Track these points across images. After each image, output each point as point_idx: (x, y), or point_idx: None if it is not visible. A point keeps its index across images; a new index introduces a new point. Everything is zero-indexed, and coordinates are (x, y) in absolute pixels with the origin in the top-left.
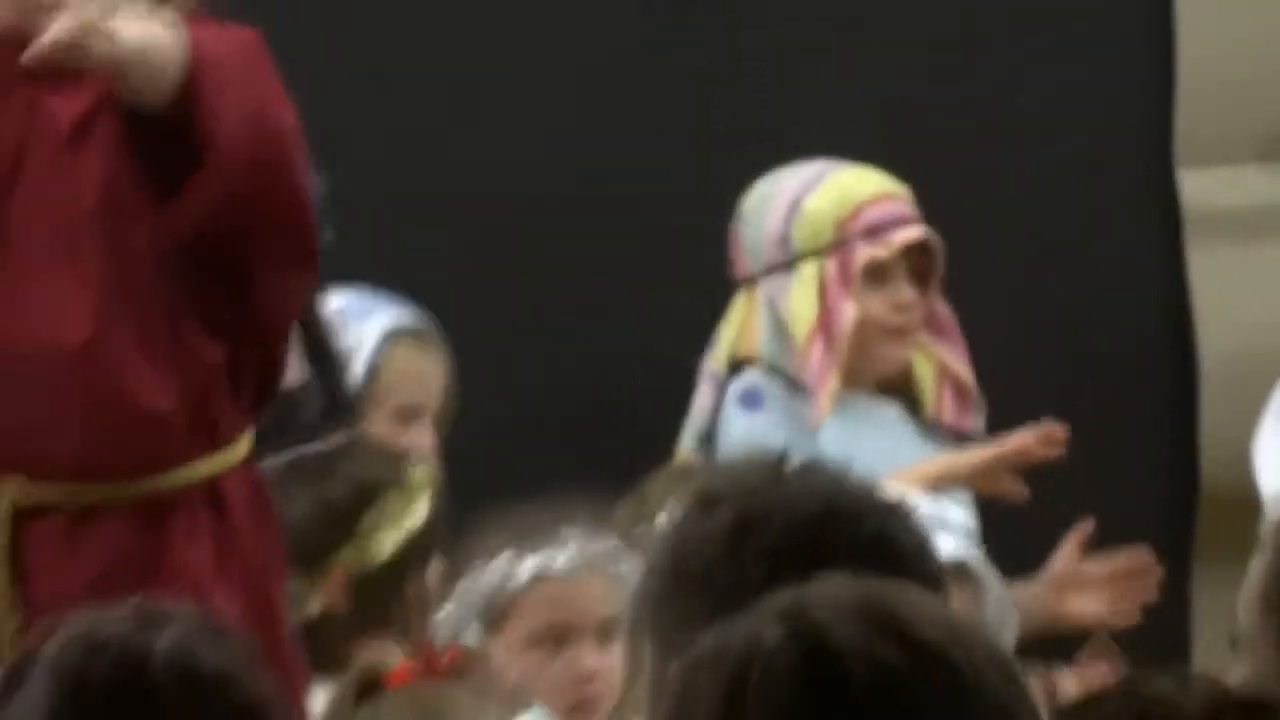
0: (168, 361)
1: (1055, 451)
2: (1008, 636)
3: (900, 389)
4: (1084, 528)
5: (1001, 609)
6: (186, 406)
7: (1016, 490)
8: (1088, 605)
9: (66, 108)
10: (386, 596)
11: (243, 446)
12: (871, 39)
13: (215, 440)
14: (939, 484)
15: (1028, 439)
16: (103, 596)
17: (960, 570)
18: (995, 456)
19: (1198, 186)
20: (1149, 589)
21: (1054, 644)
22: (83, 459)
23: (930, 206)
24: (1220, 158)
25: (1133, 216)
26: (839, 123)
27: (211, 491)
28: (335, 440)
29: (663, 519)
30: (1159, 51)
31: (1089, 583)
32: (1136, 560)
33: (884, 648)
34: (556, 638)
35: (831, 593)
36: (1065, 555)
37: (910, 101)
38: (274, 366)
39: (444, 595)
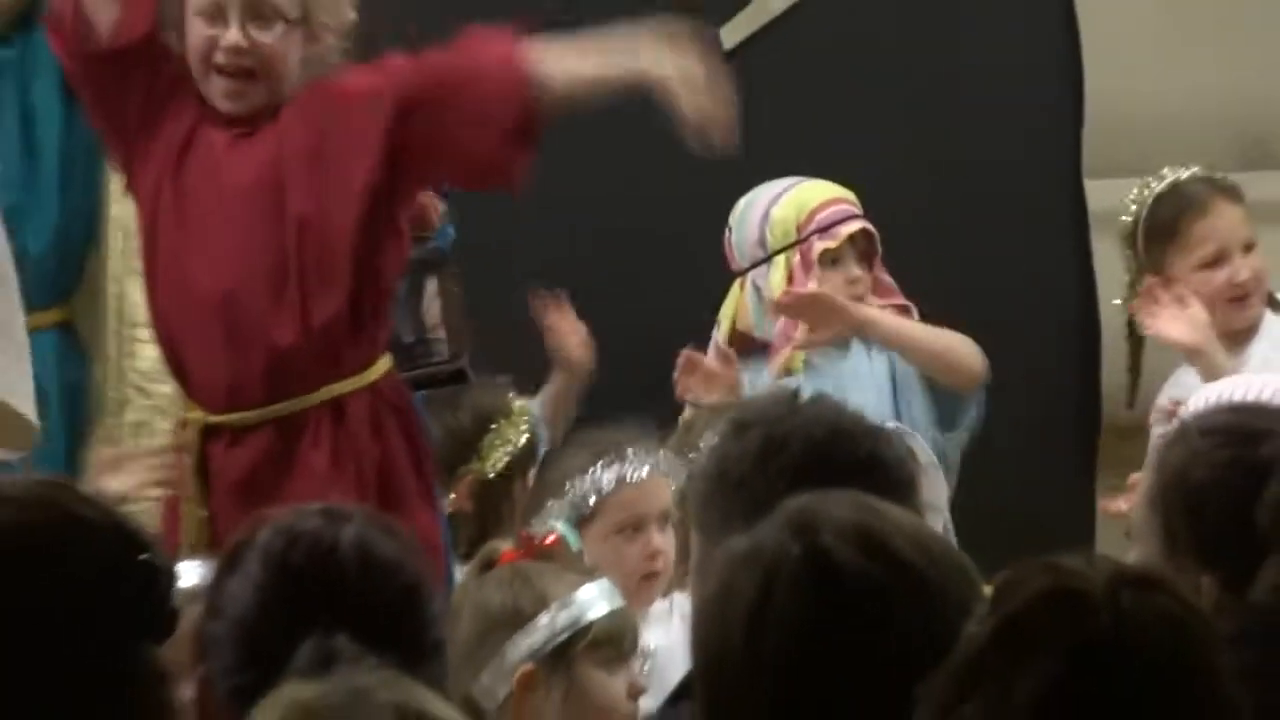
0: (296, 310)
1: None
2: (939, 496)
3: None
4: None
5: (939, 483)
6: (311, 346)
7: None
8: None
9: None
10: (499, 500)
11: (366, 374)
12: (830, 84)
13: (339, 371)
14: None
15: None
16: (255, 489)
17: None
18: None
19: (1102, 192)
20: None
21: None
22: (236, 391)
23: (885, 208)
24: (1122, 171)
25: (1052, 216)
26: (805, 146)
27: (335, 409)
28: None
29: (707, 438)
30: (1071, 84)
31: None
32: None
33: (871, 565)
34: (634, 526)
35: (837, 514)
36: None
37: (870, 129)
38: (386, 314)
39: (538, 497)
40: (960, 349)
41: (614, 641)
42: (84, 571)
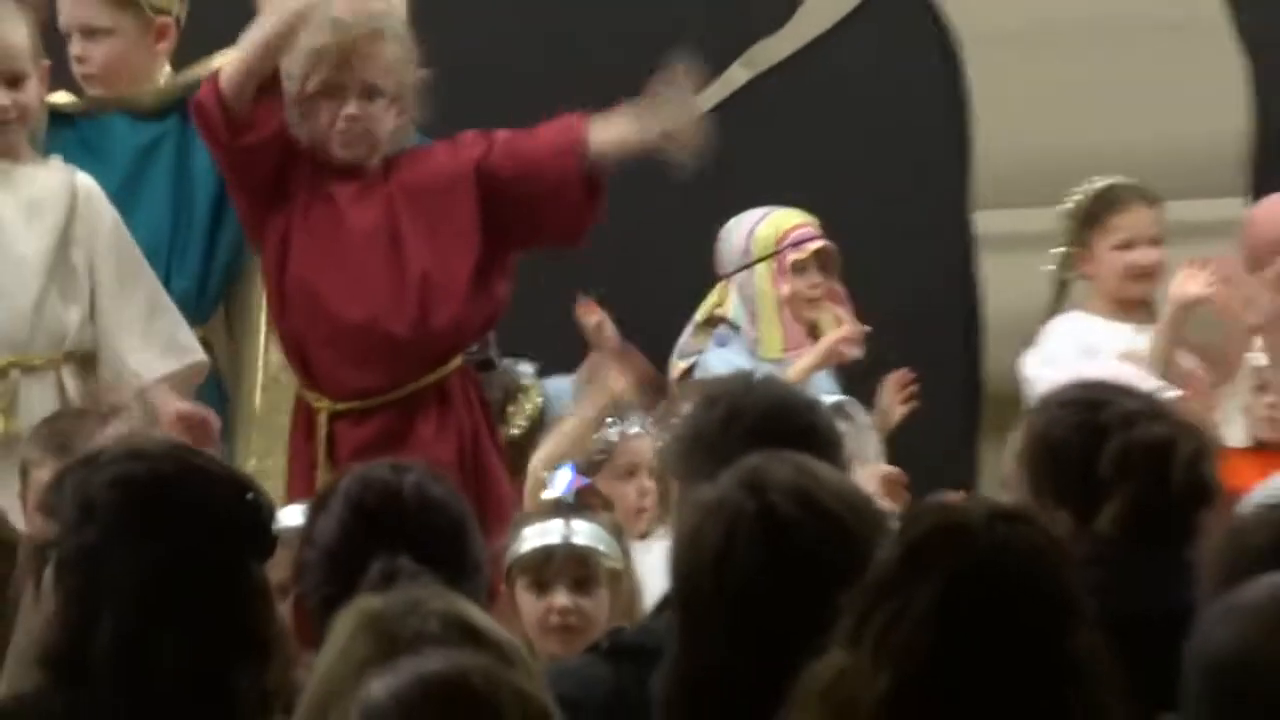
0: (418, 332)
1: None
2: (871, 451)
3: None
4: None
5: (866, 434)
6: (427, 356)
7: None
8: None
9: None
10: (522, 455)
11: (457, 360)
12: (786, 141)
13: (444, 363)
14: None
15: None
16: (374, 457)
17: (842, 410)
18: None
19: (989, 220)
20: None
21: None
22: (362, 390)
23: (829, 231)
24: (1005, 203)
25: (946, 236)
26: (777, 185)
27: (439, 390)
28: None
29: (684, 409)
30: (960, 132)
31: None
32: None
33: (806, 517)
34: (629, 472)
35: (780, 475)
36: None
37: (815, 168)
38: (490, 325)
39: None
40: None
41: (537, 570)
42: (206, 507)
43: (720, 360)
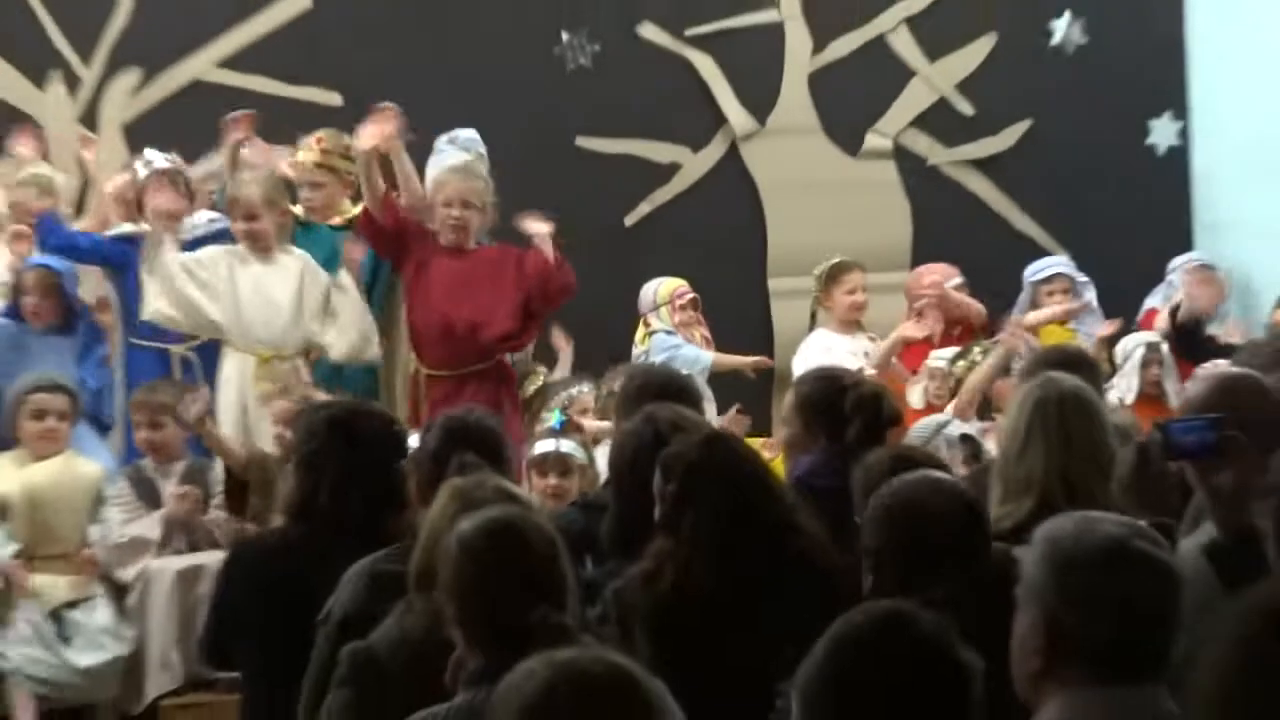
0: (493, 334)
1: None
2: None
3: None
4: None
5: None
6: (495, 348)
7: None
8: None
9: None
10: (529, 408)
11: (499, 357)
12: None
13: (488, 359)
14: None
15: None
16: (447, 403)
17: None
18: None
19: (778, 282)
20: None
21: None
22: (452, 364)
23: (696, 288)
24: (786, 272)
25: (755, 291)
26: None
27: (497, 366)
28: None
29: (618, 382)
30: (763, 232)
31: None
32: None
33: (678, 437)
34: (583, 411)
35: (664, 412)
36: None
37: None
38: (521, 346)
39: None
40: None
41: (540, 464)
42: (374, 431)
43: (662, 343)
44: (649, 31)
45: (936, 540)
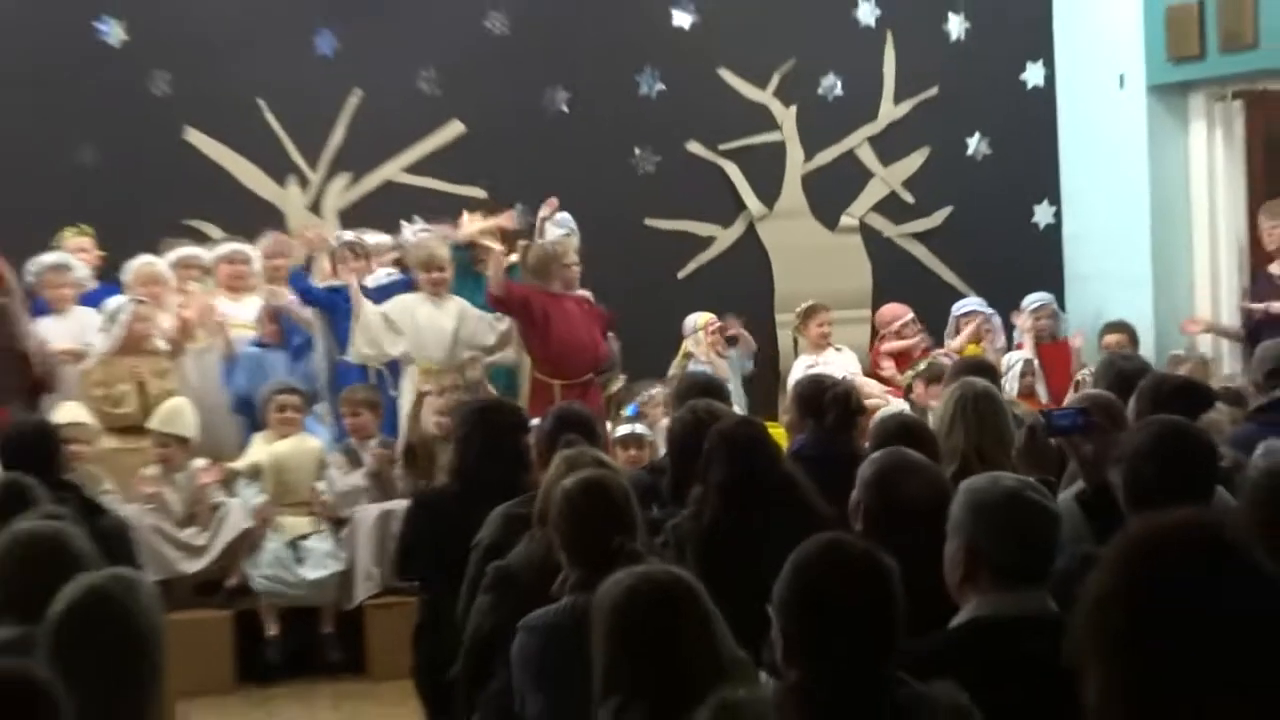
0: (601, 350)
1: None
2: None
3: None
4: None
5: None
6: (592, 364)
7: None
8: None
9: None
10: (615, 406)
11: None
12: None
13: (596, 370)
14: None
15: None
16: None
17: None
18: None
19: (781, 318)
20: None
21: None
22: (573, 374)
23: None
24: (788, 309)
25: (768, 325)
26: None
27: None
28: None
29: (676, 386)
30: (771, 284)
31: None
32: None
33: (710, 422)
34: (655, 406)
35: (701, 404)
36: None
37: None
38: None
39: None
40: None
41: (623, 442)
42: (505, 418)
43: (697, 366)
44: (694, 147)
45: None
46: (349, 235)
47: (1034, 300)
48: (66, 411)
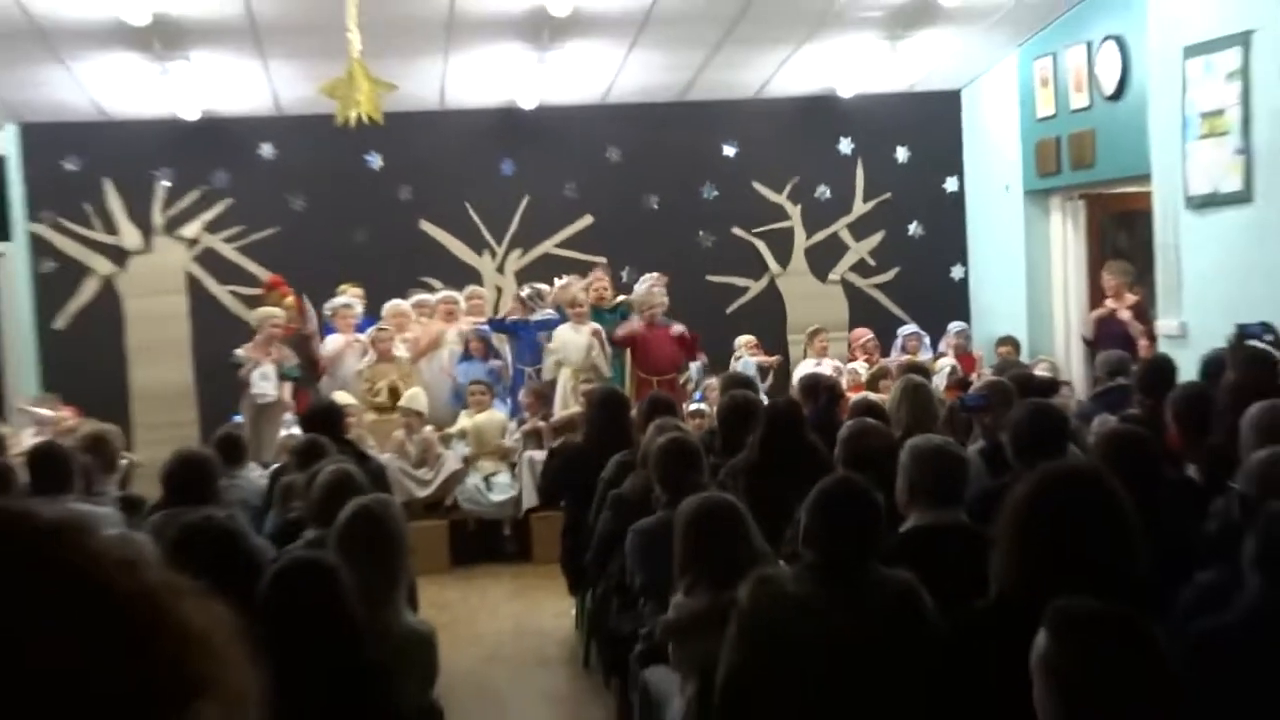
0: (678, 359)
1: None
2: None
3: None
4: None
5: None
6: (675, 365)
7: None
8: None
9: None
10: (687, 392)
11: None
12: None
13: (678, 370)
14: None
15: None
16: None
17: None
18: None
19: (793, 337)
20: None
21: None
22: (661, 372)
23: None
24: (798, 332)
25: (782, 345)
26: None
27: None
28: None
29: (726, 380)
30: (783, 311)
31: None
32: None
33: (751, 404)
34: (711, 390)
35: (739, 392)
36: None
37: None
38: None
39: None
40: None
41: (689, 416)
42: (620, 399)
43: (743, 365)
44: (736, 230)
45: (870, 453)
46: (525, 291)
47: (955, 326)
48: (342, 396)
